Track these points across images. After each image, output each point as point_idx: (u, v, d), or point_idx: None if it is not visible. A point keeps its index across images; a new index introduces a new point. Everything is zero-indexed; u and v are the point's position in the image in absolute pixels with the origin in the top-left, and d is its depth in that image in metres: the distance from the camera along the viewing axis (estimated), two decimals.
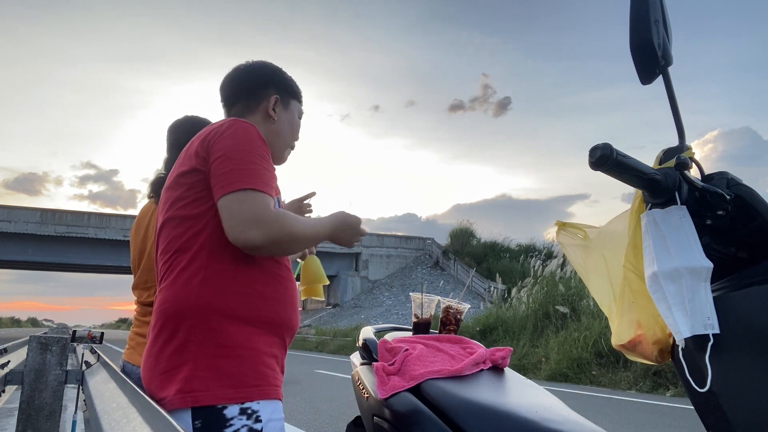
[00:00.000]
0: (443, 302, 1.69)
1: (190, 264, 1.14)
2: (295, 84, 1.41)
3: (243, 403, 1.09)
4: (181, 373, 1.09)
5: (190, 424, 1.07)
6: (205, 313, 1.11)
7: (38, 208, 28.69)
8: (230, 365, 1.10)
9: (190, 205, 1.17)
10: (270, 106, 1.33)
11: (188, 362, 1.09)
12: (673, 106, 0.93)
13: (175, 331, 1.12)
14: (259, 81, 1.35)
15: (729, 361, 0.80)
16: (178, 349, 1.11)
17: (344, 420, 5.19)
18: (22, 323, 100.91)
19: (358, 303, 31.01)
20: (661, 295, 0.84)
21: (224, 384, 1.09)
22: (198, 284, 1.12)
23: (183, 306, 1.12)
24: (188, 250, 1.15)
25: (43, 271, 66.14)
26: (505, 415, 1.12)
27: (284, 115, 1.36)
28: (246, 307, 1.14)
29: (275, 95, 1.34)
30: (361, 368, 1.59)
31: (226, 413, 1.08)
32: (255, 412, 1.10)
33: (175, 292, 1.14)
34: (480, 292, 26.00)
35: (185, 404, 1.06)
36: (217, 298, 1.12)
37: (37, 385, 2.56)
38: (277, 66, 1.40)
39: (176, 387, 1.08)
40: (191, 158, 1.19)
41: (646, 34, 0.89)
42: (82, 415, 2.73)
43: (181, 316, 1.12)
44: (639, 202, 0.93)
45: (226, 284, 1.13)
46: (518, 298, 13.83)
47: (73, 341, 3.16)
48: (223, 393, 1.08)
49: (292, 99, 1.39)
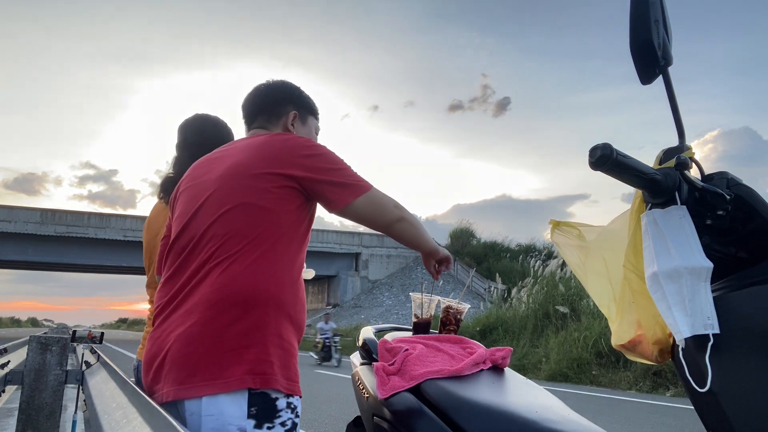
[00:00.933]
0: (443, 302, 1.69)
1: (267, 253, 1.19)
2: (312, 102, 1.50)
3: (288, 397, 1.16)
4: (250, 354, 1.12)
5: (245, 409, 1.10)
6: (276, 305, 1.17)
7: (38, 208, 28.69)
8: (286, 357, 1.17)
9: (278, 200, 1.22)
10: (289, 122, 1.42)
11: (257, 345, 1.13)
12: (673, 106, 0.93)
13: (245, 313, 1.14)
14: (278, 97, 1.44)
15: (729, 361, 0.80)
16: (249, 331, 1.13)
17: (344, 420, 5.19)
18: (22, 323, 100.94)
19: (358, 303, 31.01)
20: (661, 295, 0.84)
21: (283, 374, 1.15)
22: (272, 276, 1.18)
23: (260, 290, 1.15)
24: (265, 241, 1.19)
25: (43, 271, 66.14)
26: (505, 415, 1.12)
27: (302, 129, 1.45)
28: (294, 308, 1.22)
29: (294, 111, 1.43)
30: (361, 368, 1.59)
31: (278, 404, 1.13)
32: (296, 408, 1.17)
33: (252, 276, 1.16)
34: (480, 292, 26.01)
35: (254, 384, 1.10)
36: (284, 293, 1.19)
37: (37, 385, 2.56)
38: (296, 85, 1.49)
39: (245, 367, 1.10)
40: (285, 165, 1.23)
41: (646, 34, 0.89)
42: (82, 415, 2.73)
43: (256, 302, 1.15)
44: (639, 202, 0.93)
45: (290, 283, 1.22)
46: (518, 298, 13.84)
47: (73, 341, 3.16)
48: (284, 383, 1.14)
49: (310, 115, 1.48)
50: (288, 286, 1.21)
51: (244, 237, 1.18)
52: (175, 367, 1.13)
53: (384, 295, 30.87)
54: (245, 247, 1.18)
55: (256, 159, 1.25)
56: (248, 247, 1.18)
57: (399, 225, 1.32)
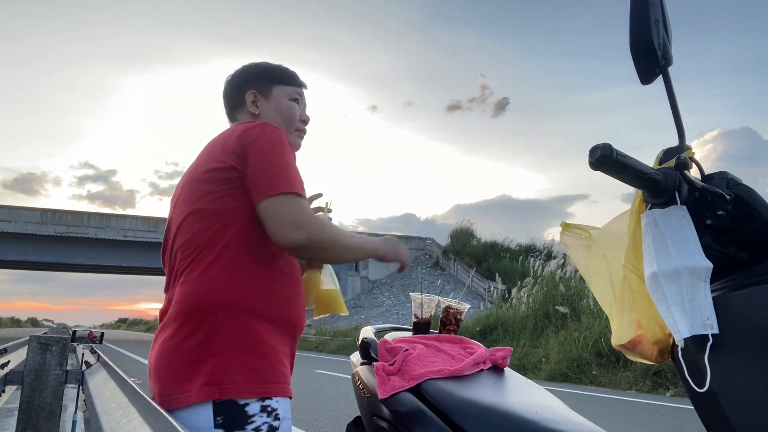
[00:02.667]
0: (443, 302, 1.69)
1: (217, 259, 1.15)
2: (275, 69, 1.38)
3: (263, 400, 1.11)
4: (207, 365, 1.09)
5: (211, 420, 1.07)
6: (233, 309, 1.13)
7: (38, 208, 28.71)
8: (254, 360, 1.12)
9: (221, 200, 1.17)
10: (249, 105, 1.34)
11: (214, 355, 1.10)
12: (673, 106, 0.93)
13: (199, 324, 1.12)
14: (237, 84, 1.37)
15: (728, 361, 0.80)
16: (203, 342, 1.11)
17: (344, 420, 5.19)
18: (22, 323, 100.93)
19: (358, 303, 31.00)
20: (661, 295, 0.84)
21: (249, 378, 1.10)
22: (226, 279, 1.14)
23: (210, 300, 1.13)
24: (215, 245, 1.16)
25: (43, 271, 66.15)
26: (505, 415, 1.12)
27: (266, 105, 1.35)
28: (269, 305, 1.17)
29: (252, 91, 1.35)
30: (361, 368, 1.59)
31: (248, 410, 1.09)
32: (274, 410, 1.12)
33: (202, 286, 1.14)
34: (480, 292, 25.99)
35: (211, 396, 1.07)
36: (244, 295, 1.14)
37: (37, 385, 2.56)
38: (255, 62, 1.40)
39: (202, 379, 1.08)
40: (228, 156, 1.19)
41: (646, 34, 0.89)
42: (82, 415, 2.73)
43: (207, 310, 1.12)
44: (639, 202, 0.93)
45: (253, 281, 1.16)
46: (518, 298, 13.83)
47: (73, 341, 3.17)
48: (248, 387, 1.10)
49: (274, 85, 1.36)
50: (254, 285, 1.16)
51: (197, 246, 1.17)
52: (154, 381, 1.17)
53: (384, 295, 30.86)
54: (198, 256, 1.16)
55: (203, 159, 1.24)
56: (200, 256, 1.16)
57: (298, 249, 1.15)
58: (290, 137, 1.36)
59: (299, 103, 1.39)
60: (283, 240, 1.12)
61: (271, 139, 1.19)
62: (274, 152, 1.17)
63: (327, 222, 1.19)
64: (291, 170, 1.18)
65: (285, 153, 1.18)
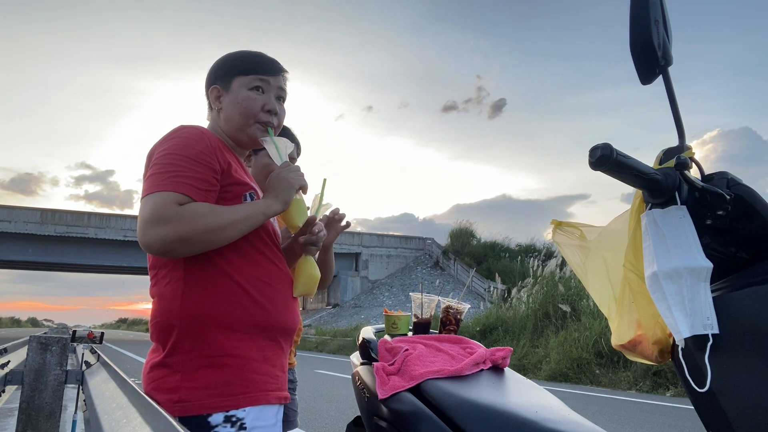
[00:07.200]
0: (443, 302, 1.69)
1: (170, 277, 1.16)
2: (235, 59, 1.30)
3: (228, 411, 1.11)
4: (169, 383, 1.12)
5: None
6: (191, 324, 1.14)
7: (38, 208, 28.70)
8: (216, 375, 1.12)
9: None
10: (213, 101, 1.31)
11: (176, 373, 1.13)
12: (673, 106, 0.93)
13: (164, 342, 1.15)
14: (206, 85, 1.34)
15: (728, 361, 0.80)
16: (164, 361, 1.14)
17: (344, 420, 5.19)
18: (22, 323, 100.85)
19: (358, 303, 31.00)
20: (661, 295, 0.84)
21: (211, 393, 1.11)
22: (180, 296, 1.14)
23: (171, 318, 1.14)
24: (167, 264, 1.17)
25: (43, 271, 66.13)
26: (505, 415, 1.12)
27: (228, 98, 1.28)
28: (231, 313, 1.15)
29: (214, 86, 1.30)
30: (361, 368, 1.59)
31: (211, 421, 1.11)
32: (240, 420, 1.12)
33: (161, 306, 1.17)
34: (480, 292, 25.99)
35: (173, 413, 1.08)
36: (201, 308, 1.14)
37: (37, 385, 2.56)
38: (223, 55, 1.33)
39: (165, 397, 1.11)
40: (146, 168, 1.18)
41: (646, 34, 0.89)
42: (82, 415, 2.73)
43: (169, 329, 1.15)
44: (639, 202, 0.93)
45: (208, 293, 1.15)
46: (518, 298, 13.83)
47: (73, 341, 3.17)
48: (209, 402, 1.11)
49: (234, 77, 1.28)
50: (216, 297, 1.14)
51: (154, 265, 1.21)
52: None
53: (384, 295, 30.87)
54: (157, 275, 1.20)
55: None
56: (159, 274, 1.19)
57: (164, 252, 1.08)
58: (249, 130, 1.27)
59: (264, 91, 1.28)
60: (142, 244, 1.07)
61: (170, 140, 1.16)
62: (162, 154, 1.14)
63: (191, 208, 1.08)
64: (173, 168, 1.11)
65: (176, 151, 1.13)
